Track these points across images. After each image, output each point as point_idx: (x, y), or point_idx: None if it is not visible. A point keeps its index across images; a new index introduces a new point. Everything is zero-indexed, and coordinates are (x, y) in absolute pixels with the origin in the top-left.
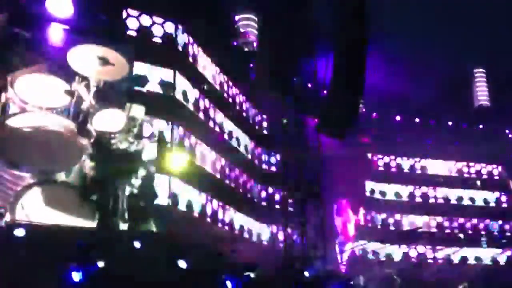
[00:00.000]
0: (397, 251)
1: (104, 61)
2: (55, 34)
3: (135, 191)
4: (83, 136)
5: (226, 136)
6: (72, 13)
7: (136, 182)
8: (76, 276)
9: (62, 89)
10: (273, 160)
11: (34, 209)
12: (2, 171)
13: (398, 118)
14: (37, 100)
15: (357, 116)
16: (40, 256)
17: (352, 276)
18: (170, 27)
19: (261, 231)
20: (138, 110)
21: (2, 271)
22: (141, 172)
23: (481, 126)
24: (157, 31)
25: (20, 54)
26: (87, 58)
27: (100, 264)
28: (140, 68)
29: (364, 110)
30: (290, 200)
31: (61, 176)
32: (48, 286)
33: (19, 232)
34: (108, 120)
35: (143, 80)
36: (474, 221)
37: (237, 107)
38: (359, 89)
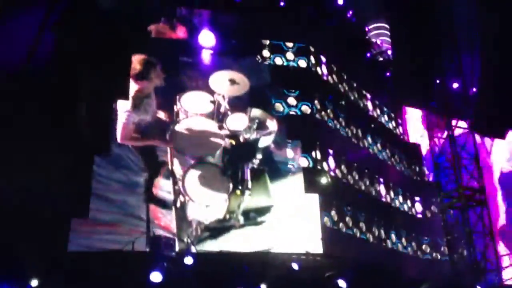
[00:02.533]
0: None
1: (232, 81)
2: (205, 58)
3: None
4: (222, 131)
5: (368, 148)
6: (215, 42)
7: (255, 161)
8: None
9: (208, 100)
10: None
11: (192, 185)
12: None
13: None
14: (194, 109)
15: None
16: (207, 282)
17: None
18: (301, 51)
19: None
20: (256, 112)
21: None
22: (258, 155)
23: None
24: (290, 56)
25: (188, 76)
26: (221, 80)
27: (263, 286)
28: (277, 92)
29: None
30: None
31: (209, 159)
32: None
33: (188, 260)
34: (236, 120)
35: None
36: None
37: (378, 119)
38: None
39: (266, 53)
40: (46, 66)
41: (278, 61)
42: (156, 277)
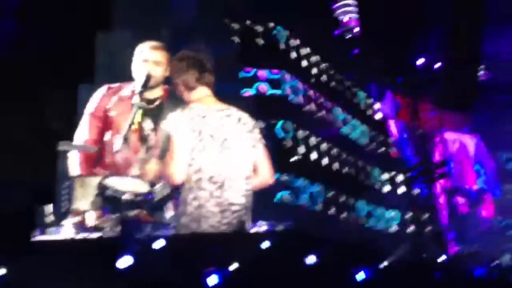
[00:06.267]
0: None
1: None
2: None
3: None
4: None
5: (339, 125)
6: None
7: None
8: (213, 280)
9: None
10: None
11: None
12: None
13: None
14: None
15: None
16: (179, 264)
17: (496, 255)
18: (271, 27)
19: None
20: None
21: (147, 281)
22: None
23: None
24: (259, 34)
25: None
26: None
27: (233, 266)
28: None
29: (487, 77)
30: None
31: None
32: None
33: (160, 243)
34: None
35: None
36: None
37: (347, 96)
38: (478, 51)
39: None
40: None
41: (249, 41)
42: (125, 261)
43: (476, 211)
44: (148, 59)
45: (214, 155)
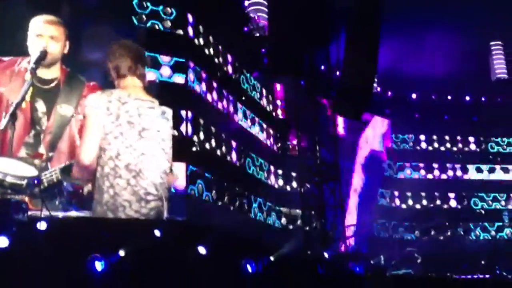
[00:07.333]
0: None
1: None
2: None
3: None
4: None
5: (239, 120)
6: None
7: None
8: (99, 266)
9: None
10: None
11: None
12: None
13: (414, 96)
14: None
15: (372, 95)
16: (63, 248)
17: (372, 256)
18: (179, 15)
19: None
20: None
21: (25, 264)
22: None
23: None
24: (167, 24)
25: None
26: None
27: (122, 253)
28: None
29: (379, 89)
30: (307, 184)
31: None
32: (73, 275)
33: (41, 226)
34: None
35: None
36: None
37: (251, 93)
38: (373, 65)
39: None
40: None
41: (154, 26)
42: (1, 242)
43: (362, 213)
44: (42, 33)
45: (132, 143)
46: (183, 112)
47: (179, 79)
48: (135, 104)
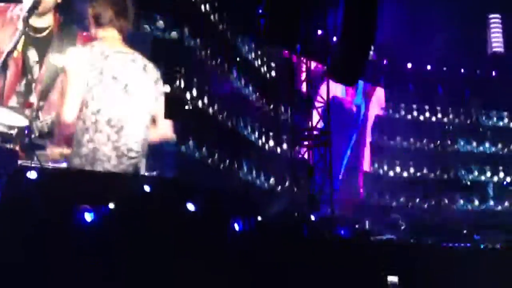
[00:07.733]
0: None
1: None
2: None
3: None
4: None
5: (233, 80)
6: None
7: None
8: (89, 217)
9: None
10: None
11: None
12: None
13: (409, 65)
14: None
15: (367, 62)
16: (53, 198)
17: (358, 220)
18: None
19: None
20: None
21: (15, 214)
22: None
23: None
24: None
25: None
26: None
27: (111, 205)
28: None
29: (374, 57)
30: (297, 147)
31: None
32: (65, 226)
33: (32, 175)
34: None
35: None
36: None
37: (245, 56)
38: (370, 33)
39: None
40: None
41: None
42: None
43: (351, 181)
44: None
45: (115, 98)
46: (176, 69)
47: (173, 35)
48: (118, 58)
